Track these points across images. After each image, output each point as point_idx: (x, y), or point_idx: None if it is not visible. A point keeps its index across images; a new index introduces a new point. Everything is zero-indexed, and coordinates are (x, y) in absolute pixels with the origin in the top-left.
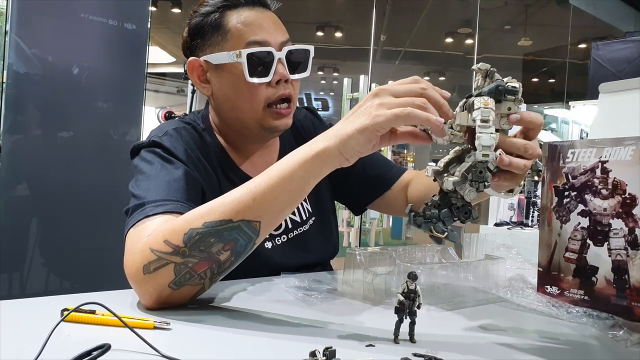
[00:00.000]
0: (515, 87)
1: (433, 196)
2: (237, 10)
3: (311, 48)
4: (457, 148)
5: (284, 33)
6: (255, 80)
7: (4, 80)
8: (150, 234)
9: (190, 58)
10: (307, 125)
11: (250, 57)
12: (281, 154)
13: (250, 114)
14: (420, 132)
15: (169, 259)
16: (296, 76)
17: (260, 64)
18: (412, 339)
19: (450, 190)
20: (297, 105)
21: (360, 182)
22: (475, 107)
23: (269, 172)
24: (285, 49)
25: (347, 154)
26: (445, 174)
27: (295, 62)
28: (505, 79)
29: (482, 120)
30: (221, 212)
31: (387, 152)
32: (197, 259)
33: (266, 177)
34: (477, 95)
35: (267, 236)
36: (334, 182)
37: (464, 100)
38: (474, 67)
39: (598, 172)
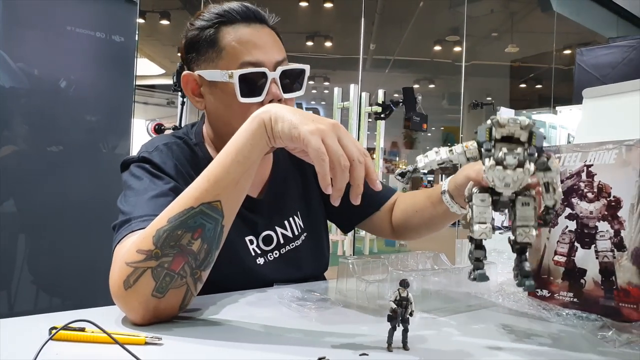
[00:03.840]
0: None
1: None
2: (232, 27)
3: (307, 67)
4: (486, 199)
5: (280, 51)
6: (247, 100)
7: None
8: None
9: (185, 72)
10: None
11: (242, 78)
12: (274, 168)
13: None
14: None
15: (144, 266)
16: (290, 95)
17: (253, 84)
18: (405, 346)
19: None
20: None
21: (348, 203)
22: (554, 168)
23: (220, 153)
24: (280, 69)
25: (273, 132)
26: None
27: (290, 81)
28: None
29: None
30: (182, 203)
31: (379, 161)
32: (171, 256)
33: (217, 158)
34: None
35: (259, 252)
36: (326, 200)
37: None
38: (514, 124)
39: (584, 175)
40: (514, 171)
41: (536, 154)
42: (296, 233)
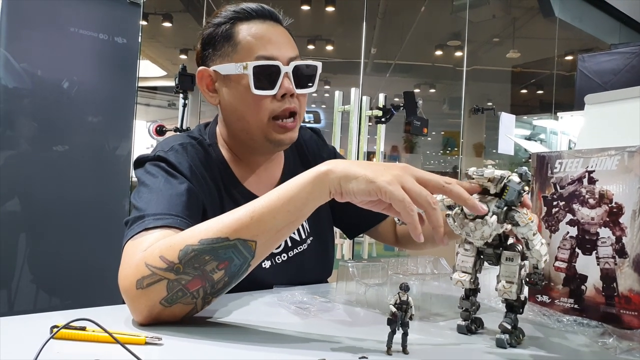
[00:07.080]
0: (522, 181)
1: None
2: (248, 23)
3: (319, 64)
4: (470, 248)
5: (293, 49)
6: (261, 92)
7: None
8: (146, 249)
9: (200, 67)
10: (312, 147)
11: (256, 69)
12: (285, 170)
13: (256, 126)
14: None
15: (162, 275)
16: (302, 91)
17: (266, 77)
18: (404, 350)
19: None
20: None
21: (356, 210)
22: (522, 223)
23: (270, 193)
24: (293, 64)
25: (343, 190)
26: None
27: (303, 77)
28: (505, 175)
29: (534, 234)
30: (218, 229)
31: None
32: (191, 277)
33: (267, 197)
34: (509, 209)
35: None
36: (333, 205)
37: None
38: (479, 176)
39: (585, 181)
40: (473, 221)
41: (503, 208)
42: (303, 236)
